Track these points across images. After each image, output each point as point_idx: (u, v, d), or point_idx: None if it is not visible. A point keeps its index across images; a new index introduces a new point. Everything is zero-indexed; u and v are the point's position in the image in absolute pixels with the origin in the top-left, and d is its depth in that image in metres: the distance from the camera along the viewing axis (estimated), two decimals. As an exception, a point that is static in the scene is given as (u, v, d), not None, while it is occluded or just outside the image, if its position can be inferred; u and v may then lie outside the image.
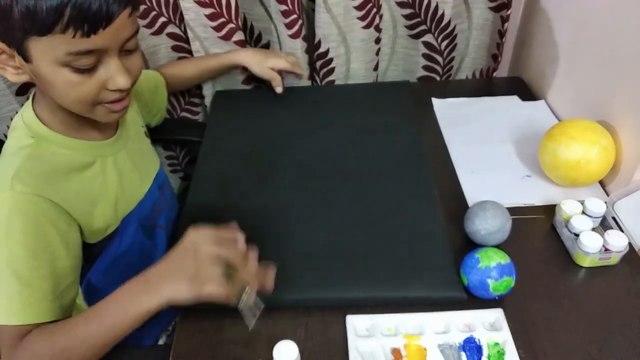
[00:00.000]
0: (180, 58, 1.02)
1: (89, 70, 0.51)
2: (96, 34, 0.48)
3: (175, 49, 1.00)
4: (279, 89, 0.93)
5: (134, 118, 0.74)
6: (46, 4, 0.45)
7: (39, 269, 0.53)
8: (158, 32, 0.96)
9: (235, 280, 0.51)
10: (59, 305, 0.55)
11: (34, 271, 0.53)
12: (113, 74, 0.53)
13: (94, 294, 0.68)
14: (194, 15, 0.91)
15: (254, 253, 0.55)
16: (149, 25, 0.95)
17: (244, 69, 0.99)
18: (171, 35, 0.98)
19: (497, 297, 0.58)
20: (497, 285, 0.57)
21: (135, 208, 0.68)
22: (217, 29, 0.93)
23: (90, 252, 0.63)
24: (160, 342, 0.78)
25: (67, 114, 0.58)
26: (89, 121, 0.61)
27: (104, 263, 0.66)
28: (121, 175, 0.66)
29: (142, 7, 0.92)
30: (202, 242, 0.52)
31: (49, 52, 0.49)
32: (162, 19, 0.95)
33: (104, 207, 0.63)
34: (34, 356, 0.51)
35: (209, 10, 0.90)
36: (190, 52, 0.97)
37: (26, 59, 0.50)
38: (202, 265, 0.50)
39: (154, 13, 0.93)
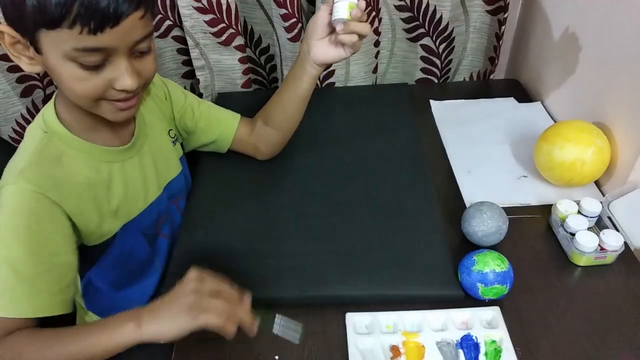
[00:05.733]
0: (185, 62, 1.02)
1: (96, 67, 0.51)
2: (103, 33, 0.48)
3: (180, 52, 1.01)
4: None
5: (157, 120, 0.72)
6: None
7: (37, 265, 0.53)
8: (164, 35, 0.97)
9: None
10: (60, 299, 0.55)
11: (33, 266, 0.53)
12: (120, 74, 0.53)
13: (92, 293, 0.69)
14: (194, 22, 0.91)
15: (248, 296, 0.54)
16: (154, 28, 0.96)
17: (245, 72, 1.00)
18: (177, 39, 0.99)
19: (486, 300, 0.59)
20: (486, 290, 0.58)
21: (137, 217, 0.67)
22: (217, 34, 0.94)
23: (90, 253, 0.63)
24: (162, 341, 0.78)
25: (82, 112, 0.58)
26: (105, 123, 0.61)
27: (104, 264, 0.66)
28: (127, 184, 0.65)
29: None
30: (201, 278, 0.52)
31: (57, 45, 0.49)
32: (168, 22, 0.96)
33: (104, 214, 0.62)
34: (14, 355, 0.51)
35: (208, 16, 0.91)
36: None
37: (37, 50, 0.51)
38: (200, 298, 0.51)
39: (159, 16, 0.94)
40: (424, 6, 0.96)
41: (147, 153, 0.68)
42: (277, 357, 0.57)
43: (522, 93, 1.00)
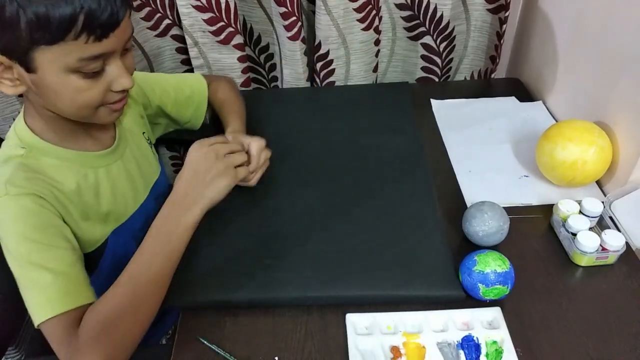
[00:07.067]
0: (184, 61, 1.02)
1: (96, 74, 0.52)
2: (107, 38, 0.50)
3: (179, 51, 1.00)
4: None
5: (133, 124, 0.72)
6: (59, 12, 0.46)
7: (64, 258, 0.53)
8: (162, 34, 0.97)
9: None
10: (89, 286, 0.55)
11: (60, 260, 0.53)
12: (117, 75, 0.54)
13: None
14: (193, 21, 0.91)
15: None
16: (153, 27, 0.96)
17: (244, 71, 1.00)
18: (175, 38, 0.98)
19: (487, 301, 0.59)
20: (487, 291, 0.57)
21: (127, 222, 0.67)
22: (216, 33, 0.93)
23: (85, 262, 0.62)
24: (163, 342, 0.78)
25: (60, 123, 0.57)
26: (83, 130, 0.61)
27: (100, 272, 0.64)
28: (115, 188, 0.64)
29: (147, 9, 0.93)
30: (213, 147, 0.59)
31: (58, 60, 0.49)
32: (167, 21, 0.96)
33: (94, 221, 0.61)
34: (90, 331, 0.49)
35: (207, 15, 0.91)
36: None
37: (29, 69, 0.50)
38: (226, 160, 0.59)
39: (158, 15, 0.94)
40: (424, 4, 0.96)
41: (129, 155, 0.68)
42: (276, 358, 0.56)
43: (524, 92, 0.99)
